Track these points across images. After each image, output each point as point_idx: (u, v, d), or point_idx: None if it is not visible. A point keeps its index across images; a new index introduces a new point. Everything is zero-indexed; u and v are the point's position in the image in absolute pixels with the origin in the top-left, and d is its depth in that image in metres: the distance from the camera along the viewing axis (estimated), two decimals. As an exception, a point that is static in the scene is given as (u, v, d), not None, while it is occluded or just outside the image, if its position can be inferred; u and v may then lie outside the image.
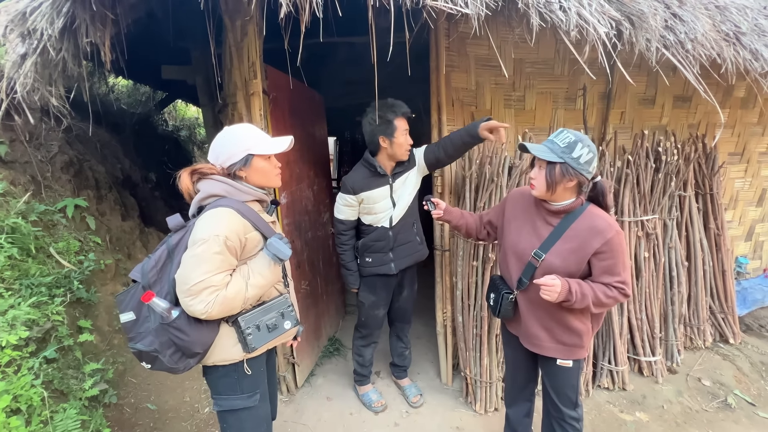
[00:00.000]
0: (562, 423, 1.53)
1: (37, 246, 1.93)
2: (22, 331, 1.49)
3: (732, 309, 2.75)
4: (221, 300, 1.12)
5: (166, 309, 1.12)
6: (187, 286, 1.10)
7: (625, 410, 2.17)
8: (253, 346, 1.22)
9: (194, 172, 1.23)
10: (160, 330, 1.14)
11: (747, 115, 2.87)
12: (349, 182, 1.93)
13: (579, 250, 1.29)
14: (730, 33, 1.96)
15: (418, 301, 3.33)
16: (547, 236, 1.35)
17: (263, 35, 1.80)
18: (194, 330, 1.15)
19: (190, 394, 2.24)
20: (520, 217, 1.45)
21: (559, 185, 1.27)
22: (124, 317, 1.18)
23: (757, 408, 2.20)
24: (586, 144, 1.24)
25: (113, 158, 3.34)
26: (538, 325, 1.42)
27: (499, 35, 2.04)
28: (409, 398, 2.25)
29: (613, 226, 1.28)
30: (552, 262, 1.33)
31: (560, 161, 1.24)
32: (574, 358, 1.43)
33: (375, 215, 1.97)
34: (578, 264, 1.31)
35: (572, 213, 1.32)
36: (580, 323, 1.38)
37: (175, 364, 1.17)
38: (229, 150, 1.24)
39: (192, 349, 1.16)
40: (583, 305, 1.27)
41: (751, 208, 3.17)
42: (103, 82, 4.19)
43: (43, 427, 1.40)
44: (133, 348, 1.17)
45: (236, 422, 1.31)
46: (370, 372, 2.28)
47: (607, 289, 1.28)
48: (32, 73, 1.57)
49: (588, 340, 1.43)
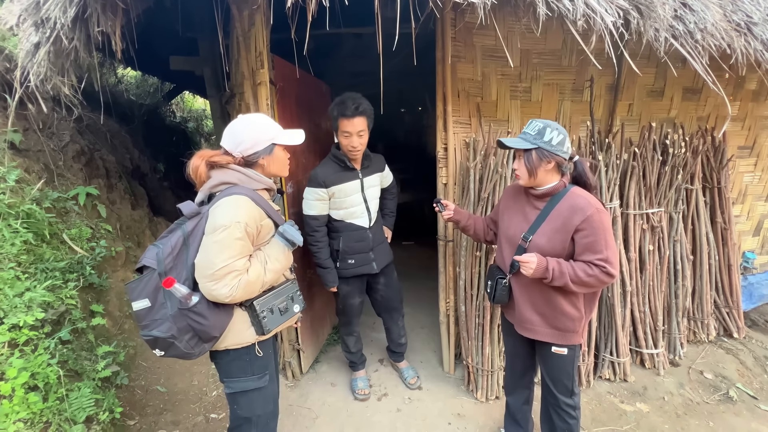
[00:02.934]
0: (559, 410, 1.56)
1: (51, 232, 1.99)
2: (38, 312, 1.55)
3: (737, 304, 2.74)
4: (244, 284, 1.16)
5: (186, 294, 1.14)
6: (210, 271, 1.12)
7: (626, 401, 2.19)
8: (268, 329, 1.27)
9: (211, 162, 1.24)
10: (178, 316, 1.16)
11: (758, 108, 2.82)
12: (320, 176, 1.91)
13: (562, 228, 1.37)
14: (741, 23, 1.93)
15: (421, 291, 3.40)
16: (534, 219, 1.44)
17: (270, 25, 1.81)
18: (213, 314, 1.18)
19: (198, 378, 2.31)
20: (512, 207, 1.56)
21: (539, 169, 1.36)
22: (138, 305, 1.16)
23: (759, 401, 2.20)
24: (554, 128, 1.35)
25: (123, 148, 3.40)
26: (532, 309, 1.48)
27: (506, 25, 2.03)
28: (407, 380, 2.30)
29: (593, 204, 1.34)
30: (538, 242, 1.41)
31: (534, 147, 1.34)
32: (568, 344, 1.47)
33: (345, 210, 1.97)
34: (563, 242, 1.38)
35: (556, 195, 1.41)
36: (572, 307, 1.43)
37: (191, 349, 1.20)
38: (255, 138, 1.25)
39: (210, 333, 1.20)
40: (561, 282, 1.34)
41: (760, 203, 3.13)
42: (113, 73, 4.24)
43: (60, 404, 1.47)
44: (147, 335, 1.16)
45: (247, 403, 1.35)
46: (358, 359, 2.31)
47: (587, 267, 1.33)
48: (45, 62, 1.61)
49: (581, 326, 1.46)
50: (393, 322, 2.30)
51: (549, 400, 1.60)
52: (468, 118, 2.18)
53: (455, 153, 2.16)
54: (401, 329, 2.33)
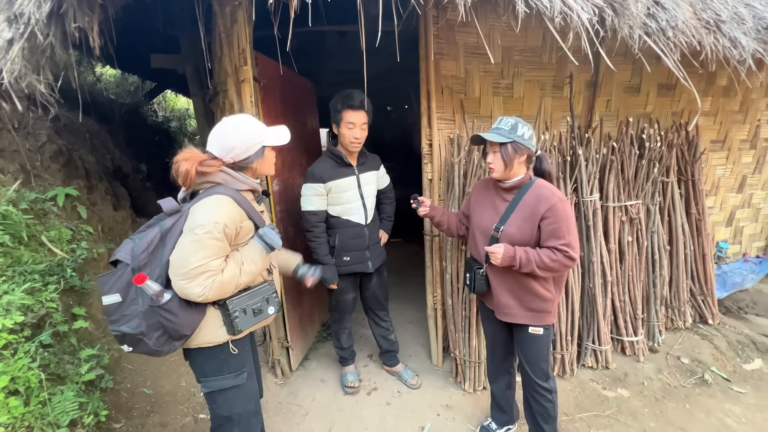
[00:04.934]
0: (536, 395, 1.64)
1: (29, 234, 1.94)
2: (17, 315, 1.51)
3: (711, 291, 2.85)
4: (218, 284, 1.16)
5: (158, 292, 1.13)
6: (185, 270, 1.12)
7: (608, 387, 2.27)
8: (239, 329, 1.26)
9: (200, 170, 1.19)
10: (149, 312, 1.14)
11: (729, 104, 2.95)
12: (316, 172, 1.94)
13: (530, 217, 1.48)
14: (710, 21, 2.01)
15: (408, 287, 3.43)
16: (504, 210, 1.55)
17: (253, 22, 1.80)
18: (184, 313, 1.17)
19: (186, 380, 2.28)
20: (482, 201, 1.66)
21: (514, 161, 1.47)
22: (108, 299, 1.14)
23: (732, 383, 2.31)
24: (524, 124, 1.48)
25: (103, 149, 3.32)
26: (509, 294, 1.58)
27: (487, 22, 2.07)
28: (408, 381, 2.29)
29: (556, 194, 1.46)
30: (509, 231, 1.52)
31: (510, 141, 1.45)
32: (543, 324, 1.57)
33: (341, 206, 1.99)
34: (531, 230, 1.49)
35: (523, 187, 1.53)
36: (544, 290, 1.54)
37: (161, 347, 1.18)
38: (247, 143, 1.25)
39: (180, 331, 1.18)
40: (528, 269, 1.46)
41: (732, 195, 3.27)
42: (91, 71, 4.13)
43: (42, 408, 1.43)
44: (116, 331, 1.15)
45: (225, 401, 1.33)
46: (349, 354, 2.33)
47: (551, 252, 1.44)
48: (20, 59, 1.56)
49: (553, 306, 1.58)
50: (380, 319, 2.31)
51: (527, 385, 1.68)
52: (452, 115, 2.21)
53: (440, 149, 2.19)
54: (389, 324, 2.35)
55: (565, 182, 2.25)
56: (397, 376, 2.37)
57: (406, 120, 5.87)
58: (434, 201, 2.22)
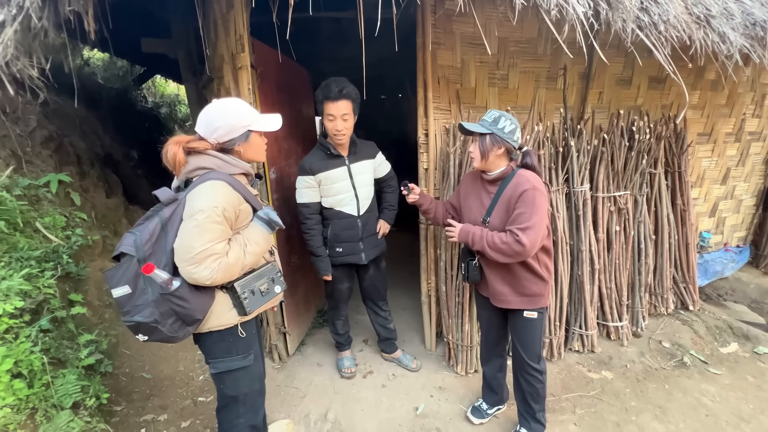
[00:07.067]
0: (527, 376, 1.72)
1: (24, 220, 1.93)
2: (17, 300, 1.52)
3: (693, 279, 2.97)
4: (224, 266, 1.18)
5: (167, 279, 1.15)
6: (190, 255, 1.14)
7: (593, 370, 2.37)
8: (250, 310, 1.30)
9: (188, 148, 1.23)
10: (160, 300, 1.17)
11: (716, 97, 3.02)
12: (306, 164, 1.95)
13: (508, 206, 1.54)
14: (701, 16, 2.05)
15: (402, 275, 3.49)
16: (489, 203, 1.61)
17: (250, 7, 1.79)
18: (195, 297, 1.20)
19: (184, 364, 2.32)
20: (471, 194, 1.71)
21: (491, 153, 1.52)
22: (118, 291, 1.15)
23: (709, 365, 2.43)
24: (507, 118, 1.52)
25: (93, 135, 3.26)
26: (501, 282, 1.64)
27: (484, 13, 2.07)
28: (409, 365, 2.36)
29: (531, 182, 1.49)
30: (494, 223, 1.58)
31: (489, 132, 1.50)
32: (537, 307, 1.63)
33: (334, 197, 2.00)
34: (509, 218, 1.53)
35: (505, 179, 1.57)
36: (533, 274, 1.60)
37: (175, 333, 1.21)
38: (231, 125, 1.25)
39: (193, 315, 1.21)
40: (479, 246, 1.56)
41: (716, 186, 3.38)
42: (78, 54, 4.02)
43: (45, 390, 1.46)
44: (129, 321, 1.17)
45: (232, 382, 1.39)
46: (345, 340, 2.38)
47: (504, 234, 1.50)
48: (12, 42, 1.54)
49: (546, 289, 1.64)
50: (378, 308, 2.35)
51: (518, 368, 1.75)
52: (448, 105, 2.23)
53: (436, 139, 2.22)
54: (388, 314, 2.39)
55: (557, 173, 2.31)
56: (397, 362, 2.42)
57: (401, 109, 5.85)
58: (430, 190, 2.26)
